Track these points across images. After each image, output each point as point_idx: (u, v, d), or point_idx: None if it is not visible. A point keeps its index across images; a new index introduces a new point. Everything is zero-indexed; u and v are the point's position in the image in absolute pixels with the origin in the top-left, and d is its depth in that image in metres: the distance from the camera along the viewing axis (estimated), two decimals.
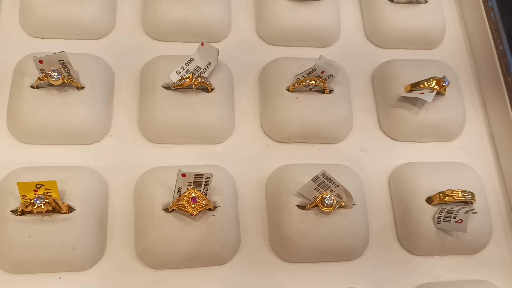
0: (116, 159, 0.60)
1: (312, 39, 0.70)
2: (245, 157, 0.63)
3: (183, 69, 0.62)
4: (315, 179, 0.56)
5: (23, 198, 0.51)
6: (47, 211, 0.52)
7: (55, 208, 0.52)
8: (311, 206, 0.57)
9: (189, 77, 0.60)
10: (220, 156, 0.62)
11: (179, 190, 0.54)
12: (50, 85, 0.58)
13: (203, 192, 0.55)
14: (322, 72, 0.62)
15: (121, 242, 0.56)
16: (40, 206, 0.51)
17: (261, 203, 0.61)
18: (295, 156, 0.63)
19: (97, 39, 0.66)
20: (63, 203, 0.53)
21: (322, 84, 0.62)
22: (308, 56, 0.66)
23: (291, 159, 0.63)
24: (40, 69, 0.57)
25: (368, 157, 0.65)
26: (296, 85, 0.62)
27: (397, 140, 0.67)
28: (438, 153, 0.67)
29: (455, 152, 0.67)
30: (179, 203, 0.54)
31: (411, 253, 0.61)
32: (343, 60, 0.69)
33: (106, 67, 0.64)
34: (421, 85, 0.63)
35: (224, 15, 0.68)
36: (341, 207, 0.57)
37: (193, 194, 0.54)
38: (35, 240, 0.52)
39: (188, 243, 0.55)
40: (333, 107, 0.64)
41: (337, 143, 0.65)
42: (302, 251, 0.57)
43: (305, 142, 0.64)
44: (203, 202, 0.54)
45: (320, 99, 0.63)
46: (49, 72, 0.57)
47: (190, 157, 0.61)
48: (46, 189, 0.51)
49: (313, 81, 0.62)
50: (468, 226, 0.57)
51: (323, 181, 0.56)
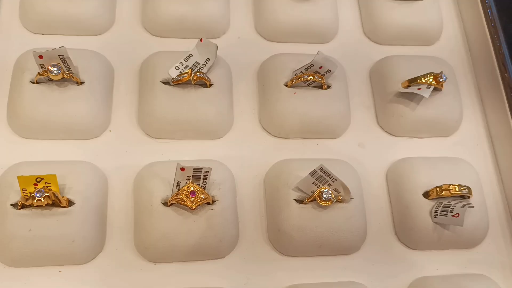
0: (116, 154, 0.60)
1: (310, 36, 0.70)
2: (244, 152, 0.63)
3: (182, 65, 0.62)
4: (313, 173, 0.56)
5: (23, 192, 0.52)
6: (47, 205, 0.52)
7: (55, 202, 0.52)
8: (309, 200, 0.57)
9: (188, 73, 0.60)
10: (219, 151, 0.62)
11: (178, 184, 0.54)
12: (50, 80, 0.59)
13: (202, 186, 0.55)
14: (320, 68, 0.62)
15: (121, 236, 0.57)
16: (40, 200, 0.51)
17: (260, 198, 0.61)
18: (294, 151, 0.64)
19: (97, 35, 0.66)
20: (63, 197, 0.53)
21: (320, 80, 0.63)
22: (306, 52, 0.66)
23: (290, 154, 0.63)
24: (40, 64, 0.57)
25: (366, 153, 0.65)
26: (294, 81, 0.63)
27: (395, 136, 0.67)
28: (436, 149, 0.67)
29: (452, 148, 0.67)
30: (178, 197, 0.54)
31: (409, 247, 0.61)
32: (341, 57, 0.70)
33: (106, 63, 0.64)
34: (419, 81, 0.64)
35: (223, 12, 0.69)
36: (339, 201, 0.58)
37: (192, 188, 0.54)
38: (35, 234, 0.52)
39: (187, 237, 0.55)
40: (331, 103, 0.64)
41: (335, 139, 0.66)
42: (300, 245, 0.58)
43: (303, 138, 0.65)
44: (202, 196, 0.54)
45: (318, 95, 0.64)
46: (49, 67, 0.57)
47: (189, 152, 0.62)
48: (46, 183, 0.52)
49: (311, 77, 0.62)
50: (465, 221, 0.58)
51: (321, 175, 0.56)
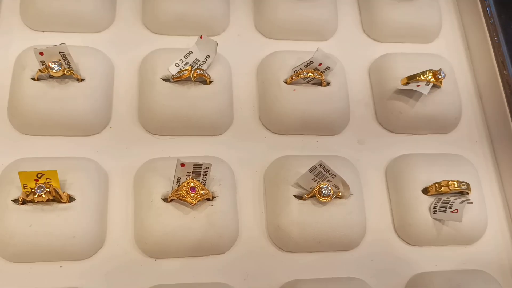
0: (116, 151, 0.61)
1: (310, 33, 0.70)
2: (244, 149, 0.63)
3: (182, 62, 0.62)
4: (313, 170, 0.56)
5: (24, 188, 0.52)
6: (48, 201, 0.52)
7: (56, 198, 0.53)
8: (309, 196, 0.57)
9: (188, 70, 0.60)
10: (219, 148, 0.63)
11: (178, 180, 0.55)
12: (51, 77, 0.59)
13: (202, 182, 0.55)
14: (320, 65, 0.63)
15: (121, 232, 0.57)
16: (41, 195, 0.52)
17: (259, 194, 0.61)
18: (293, 148, 0.64)
19: (97, 33, 0.67)
20: (64, 193, 0.53)
21: (320, 77, 0.63)
22: (306, 50, 0.66)
23: (289, 151, 0.63)
24: (41, 61, 0.57)
25: (365, 149, 0.66)
26: (294, 78, 0.63)
27: (394, 132, 0.67)
28: (435, 145, 0.67)
29: (451, 145, 0.68)
30: (178, 193, 0.54)
31: (408, 243, 0.62)
32: (341, 54, 0.70)
33: (106, 60, 0.64)
34: (418, 78, 0.64)
35: (223, 9, 0.69)
36: (338, 197, 0.58)
37: (192, 184, 0.54)
38: (36, 229, 0.53)
39: (187, 233, 0.55)
40: (331, 100, 0.64)
41: (335, 135, 0.66)
42: (300, 241, 0.58)
43: (303, 134, 0.65)
44: (202, 192, 0.55)
45: (318, 92, 0.64)
46: (50, 64, 0.57)
47: (189, 149, 0.62)
48: (47, 179, 0.52)
49: (311, 73, 0.62)
50: (464, 217, 0.58)
51: (321, 172, 0.56)
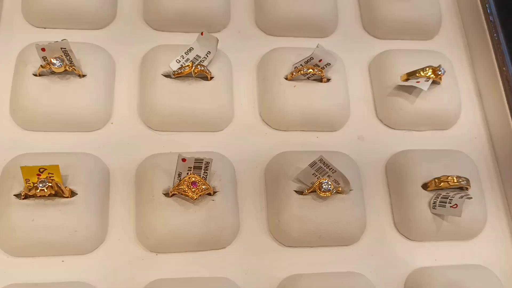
0: (117, 146, 0.61)
1: (310, 30, 0.71)
2: (244, 145, 0.64)
3: (183, 58, 0.62)
4: (313, 165, 0.56)
5: (26, 182, 0.52)
6: (50, 195, 0.53)
7: (58, 192, 0.53)
8: (309, 191, 0.58)
9: (189, 66, 0.61)
10: (220, 144, 0.63)
11: (179, 175, 0.55)
12: (52, 73, 0.59)
13: (203, 177, 0.55)
14: (320, 61, 0.63)
15: (122, 226, 0.57)
16: (43, 190, 0.52)
17: (260, 189, 0.62)
18: (293, 144, 0.64)
19: (98, 29, 0.67)
20: (66, 187, 0.54)
21: (320, 73, 0.63)
22: (306, 46, 0.66)
23: (289, 147, 0.64)
24: (43, 57, 0.58)
25: (365, 145, 0.66)
26: (294, 74, 0.63)
27: (394, 128, 0.67)
28: (434, 141, 0.67)
29: (451, 141, 0.68)
30: (180, 188, 0.55)
31: (407, 238, 0.62)
32: (341, 51, 0.70)
33: (107, 56, 0.64)
34: (417, 74, 0.64)
35: (223, 6, 0.69)
36: (338, 193, 0.58)
37: (193, 179, 0.55)
38: (38, 224, 0.53)
39: (188, 227, 0.56)
40: (331, 96, 0.65)
41: (335, 131, 0.66)
42: (300, 236, 0.58)
43: (303, 130, 0.65)
44: (203, 187, 0.55)
45: (318, 88, 0.64)
46: (51, 60, 0.57)
47: (190, 145, 0.62)
48: (49, 173, 0.52)
49: (311, 70, 0.63)
50: (463, 212, 0.58)
51: (321, 167, 0.57)
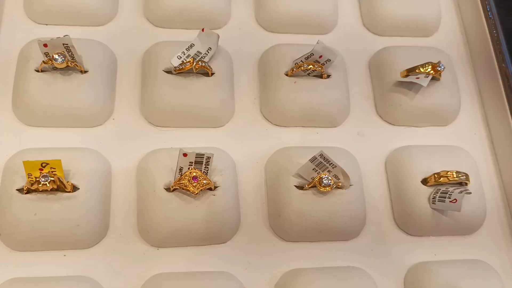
0: (119, 142, 0.61)
1: (310, 26, 0.71)
2: (245, 140, 0.64)
3: (184, 54, 0.63)
4: (313, 160, 0.57)
5: (29, 177, 0.52)
6: (52, 190, 0.53)
7: (60, 187, 0.53)
8: (309, 187, 0.58)
9: (190, 62, 0.61)
10: (221, 139, 0.63)
11: (181, 170, 0.55)
12: (54, 69, 0.60)
13: (204, 172, 0.56)
14: (320, 57, 0.63)
15: (124, 221, 0.58)
16: (46, 184, 0.52)
17: (261, 184, 0.62)
18: (294, 140, 0.65)
19: (100, 26, 0.67)
20: (68, 182, 0.54)
21: (320, 69, 0.64)
22: (307, 43, 0.67)
23: (290, 143, 0.64)
24: (45, 53, 0.58)
25: (365, 141, 0.66)
26: (295, 70, 0.64)
27: (394, 125, 0.68)
28: (434, 137, 0.68)
29: (450, 137, 0.68)
30: (181, 182, 0.55)
31: (407, 233, 0.62)
32: (341, 47, 0.70)
33: (109, 53, 0.65)
34: (417, 70, 0.65)
35: (224, 3, 0.70)
36: (339, 188, 0.59)
37: (194, 174, 0.55)
38: (40, 218, 0.53)
39: (190, 222, 0.56)
40: (331, 92, 0.65)
41: (335, 127, 0.66)
42: (300, 231, 0.58)
43: (304, 126, 0.66)
44: (204, 181, 0.55)
45: (318, 84, 0.65)
46: (54, 56, 0.58)
47: (191, 140, 0.62)
48: (51, 168, 0.52)
49: (311, 66, 0.63)
50: (463, 207, 0.58)
51: (321, 162, 0.57)
